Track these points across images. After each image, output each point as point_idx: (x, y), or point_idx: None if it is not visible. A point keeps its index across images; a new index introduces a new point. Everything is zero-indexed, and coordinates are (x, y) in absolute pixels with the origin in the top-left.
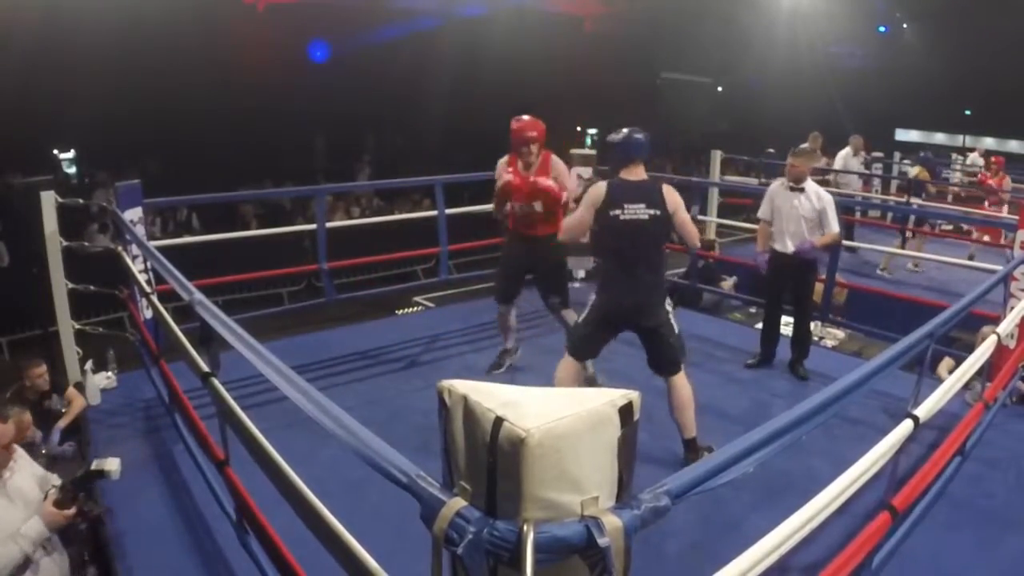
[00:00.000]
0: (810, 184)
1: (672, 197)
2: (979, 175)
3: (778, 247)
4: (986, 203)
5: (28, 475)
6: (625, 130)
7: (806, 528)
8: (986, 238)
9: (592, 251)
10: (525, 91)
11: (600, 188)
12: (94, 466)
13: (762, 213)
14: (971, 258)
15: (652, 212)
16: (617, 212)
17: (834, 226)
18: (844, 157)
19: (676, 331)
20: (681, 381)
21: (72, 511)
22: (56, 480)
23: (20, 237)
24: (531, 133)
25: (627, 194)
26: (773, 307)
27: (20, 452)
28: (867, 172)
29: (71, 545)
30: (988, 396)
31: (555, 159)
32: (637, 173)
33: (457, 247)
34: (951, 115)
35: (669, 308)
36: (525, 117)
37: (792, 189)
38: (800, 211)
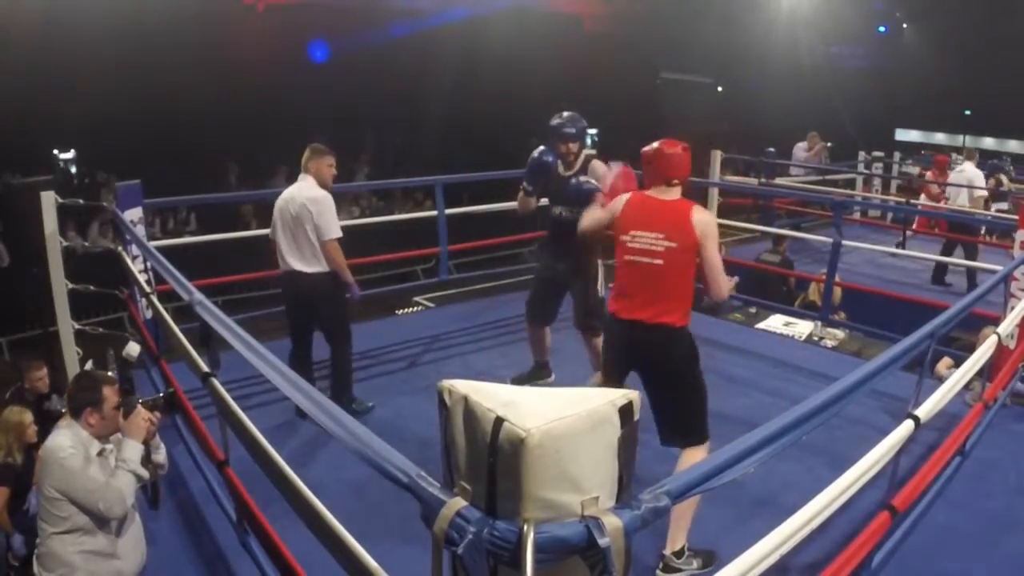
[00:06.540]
0: None
1: None
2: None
3: None
4: (923, 196)
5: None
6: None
7: (806, 528)
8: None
9: None
10: (525, 91)
11: None
12: (123, 352)
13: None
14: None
15: None
16: None
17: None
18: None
19: None
20: None
21: (144, 413)
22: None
23: (20, 237)
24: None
25: None
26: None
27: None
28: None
29: None
30: (988, 396)
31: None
32: None
33: (457, 247)
34: (951, 115)
35: None
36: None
37: None
38: None
